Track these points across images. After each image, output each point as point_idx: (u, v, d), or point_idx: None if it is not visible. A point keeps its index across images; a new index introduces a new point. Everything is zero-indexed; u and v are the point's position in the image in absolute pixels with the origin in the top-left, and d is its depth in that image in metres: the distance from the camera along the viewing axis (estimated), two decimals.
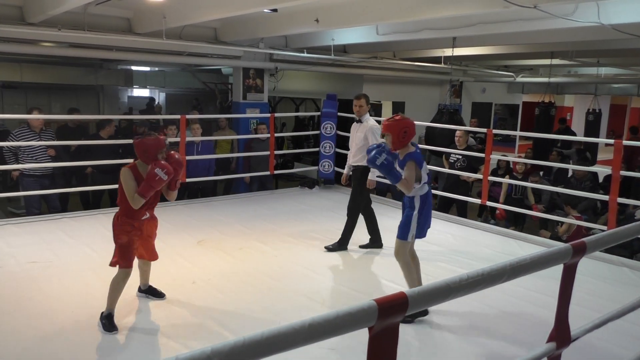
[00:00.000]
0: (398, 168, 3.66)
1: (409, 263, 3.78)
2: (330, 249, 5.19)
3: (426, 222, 3.79)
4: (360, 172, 5.15)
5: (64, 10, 5.69)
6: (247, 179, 8.22)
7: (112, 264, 3.57)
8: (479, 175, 6.84)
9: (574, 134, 11.14)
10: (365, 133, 5.06)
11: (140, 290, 3.97)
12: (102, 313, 3.47)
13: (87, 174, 7.07)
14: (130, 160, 7.03)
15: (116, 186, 3.67)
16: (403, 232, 3.71)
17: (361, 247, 5.29)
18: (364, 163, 4.78)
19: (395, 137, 3.68)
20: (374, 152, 3.63)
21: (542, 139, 9.23)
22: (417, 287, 3.67)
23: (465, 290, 1.54)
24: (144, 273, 3.93)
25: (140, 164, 3.58)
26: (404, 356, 3.11)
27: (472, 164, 7.06)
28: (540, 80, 12.43)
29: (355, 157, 5.18)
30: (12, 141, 6.16)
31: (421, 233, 3.79)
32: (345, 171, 5.39)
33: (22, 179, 6.39)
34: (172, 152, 3.71)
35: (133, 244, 3.59)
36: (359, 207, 5.24)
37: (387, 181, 7.39)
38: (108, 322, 3.42)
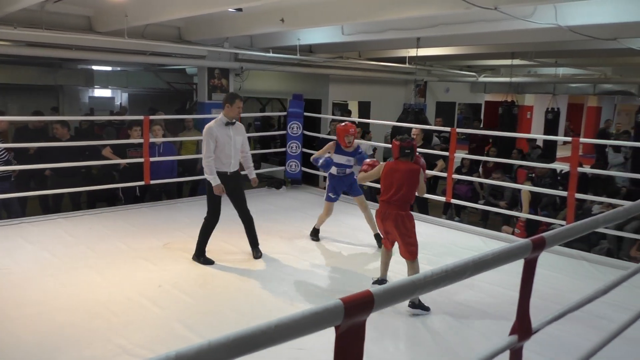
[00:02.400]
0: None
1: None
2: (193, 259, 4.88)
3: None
4: (239, 175, 4.97)
5: (20, 7, 5.52)
6: None
7: (413, 255, 3.94)
8: (435, 172, 6.94)
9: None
10: (243, 136, 4.92)
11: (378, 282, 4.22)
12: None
13: (47, 176, 6.84)
14: (95, 162, 6.95)
15: (78, 189, 3.58)
16: (360, 190, 5.53)
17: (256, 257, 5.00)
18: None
19: (355, 137, 5.46)
20: (363, 153, 5.49)
21: (504, 137, 9.45)
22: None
23: (430, 286, 1.56)
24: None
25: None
26: (372, 354, 3.14)
27: (430, 160, 7.12)
28: (502, 80, 12.75)
29: (236, 161, 4.89)
30: None
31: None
32: (219, 182, 4.75)
33: None
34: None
35: None
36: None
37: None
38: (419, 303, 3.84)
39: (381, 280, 4.21)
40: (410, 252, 3.94)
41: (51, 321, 3.52)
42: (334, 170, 5.45)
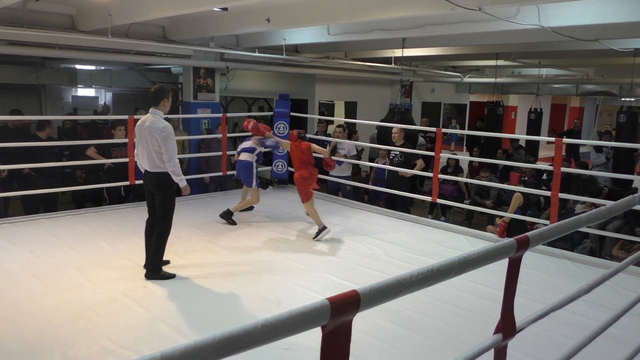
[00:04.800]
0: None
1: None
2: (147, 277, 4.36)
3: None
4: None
5: (1, 6, 5.42)
6: (207, 179, 8.11)
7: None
8: (416, 171, 6.96)
9: None
10: None
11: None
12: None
13: (25, 174, 6.69)
14: (73, 163, 6.84)
15: (60, 189, 3.52)
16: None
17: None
18: None
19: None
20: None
21: (490, 137, 9.54)
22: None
23: (417, 286, 1.56)
24: None
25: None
26: (359, 352, 3.15)
27: (409, 159, 7.15)
28: (486, 81, 12.87)
29: None
30: None
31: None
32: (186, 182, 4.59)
33: None
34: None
35: None
36: None
37: (339, 180, 7.55)
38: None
39: (322, 229, 5.54)
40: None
41: (34, 322, 3.47)
42: (255, 158, 6.25)
